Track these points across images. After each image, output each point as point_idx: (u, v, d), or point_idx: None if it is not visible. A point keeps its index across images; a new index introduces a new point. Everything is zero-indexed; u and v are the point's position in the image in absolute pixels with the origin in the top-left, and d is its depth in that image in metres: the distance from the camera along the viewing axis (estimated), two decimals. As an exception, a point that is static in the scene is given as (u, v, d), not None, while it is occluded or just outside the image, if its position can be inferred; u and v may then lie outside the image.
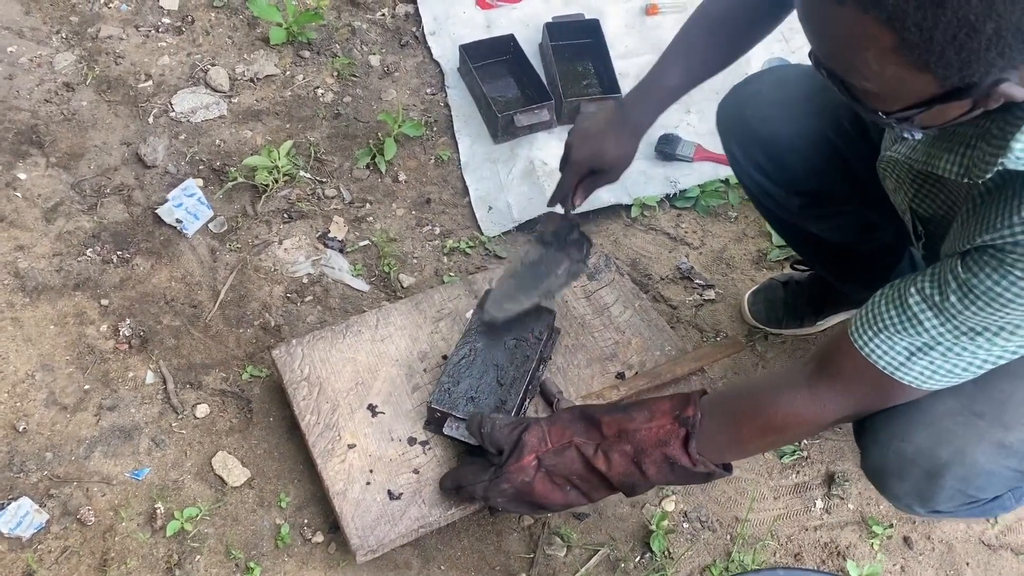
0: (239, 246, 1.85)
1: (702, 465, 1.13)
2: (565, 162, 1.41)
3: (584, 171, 1.41)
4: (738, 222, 1.96)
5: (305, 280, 1.80)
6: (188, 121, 2.06)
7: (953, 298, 0.91)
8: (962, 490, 1.06)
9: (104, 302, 1.72)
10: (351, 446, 1.43)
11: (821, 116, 1.28)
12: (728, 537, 1.49)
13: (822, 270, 1.62)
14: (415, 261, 1.87)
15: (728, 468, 1.17)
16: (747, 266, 1.89)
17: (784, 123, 1.31)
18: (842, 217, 1.38)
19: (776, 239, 1.90)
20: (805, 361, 1.10)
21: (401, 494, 1.38)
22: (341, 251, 1.86)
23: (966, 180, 0.88)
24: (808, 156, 1.30)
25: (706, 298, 1.82)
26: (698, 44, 1.30)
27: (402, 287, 1.81)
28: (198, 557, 1.40)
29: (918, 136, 0.91)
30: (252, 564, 1.40)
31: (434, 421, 1.43)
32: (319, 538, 1.44)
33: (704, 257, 1.90)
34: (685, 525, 1.50)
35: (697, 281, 1.85)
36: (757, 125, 1.34)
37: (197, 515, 1.44)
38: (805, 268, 1.71)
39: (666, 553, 1.46)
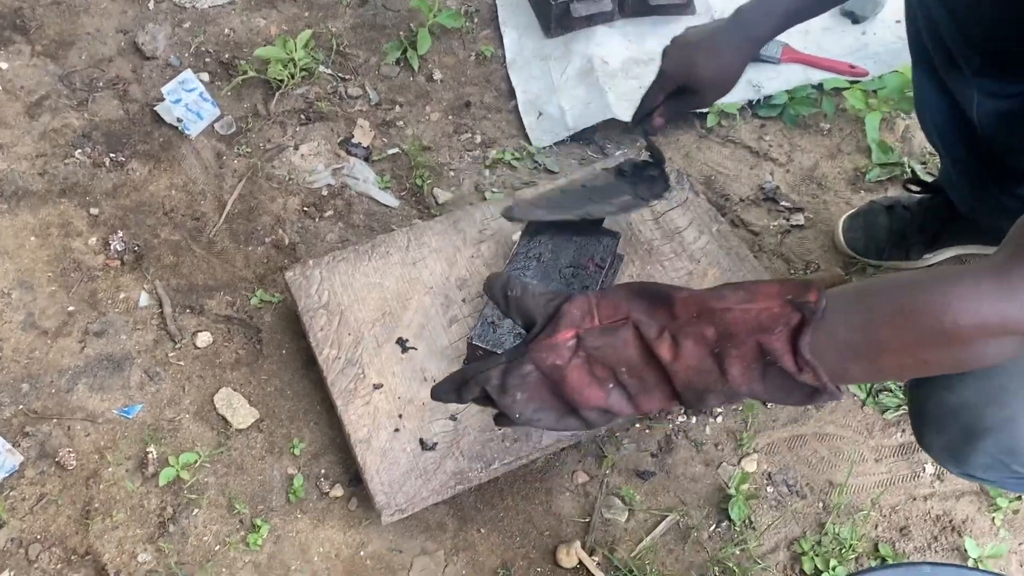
0: (249, 150, 1.60)
1: (810, 373, 0.79)
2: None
3: (672, 87, 1.19)
4: (832, 135, 1.67)
5: (324, 192, 1.56)
6: (193, 7, 1.80)
7: None
8: (1004, 462, 0.87)
9: (93, 211, 1.49)
10: (377, 386, 1.22)
11: None
12: (820, 505, 1.26)
13: (962, 178, 1.32)
14: (452, 174, 1.61)
15: (839, 388, 0.82)
16: (842, 187, 1.60)
17: None
18: (1013, 100, 1.08)
19: (877, 156, 1.61)
20: (991, 255, 0.78)
21: (435, 444, 1.17)
22: (366, 159, 1.61)
23: None
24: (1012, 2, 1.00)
25: (794, 223, 1.55)
26: None
27: (437, 203, 1.56)
28: (196, 511, 1.20)
29: None
30: (259, 520, 1.19)
31: (475, 359, 1.20)
32: (338, 492, 1.23)
33: (791, 176, 1.62)
34: (769, 489, 1.27)
35: (783, 203, 1.57)
36: None
37: (196, 461, 1.23)
38: (921, 190, 1.43)
39: (747, 522, 1.23)
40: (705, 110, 1.66)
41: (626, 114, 1.61)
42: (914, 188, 1.43)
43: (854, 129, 1.67)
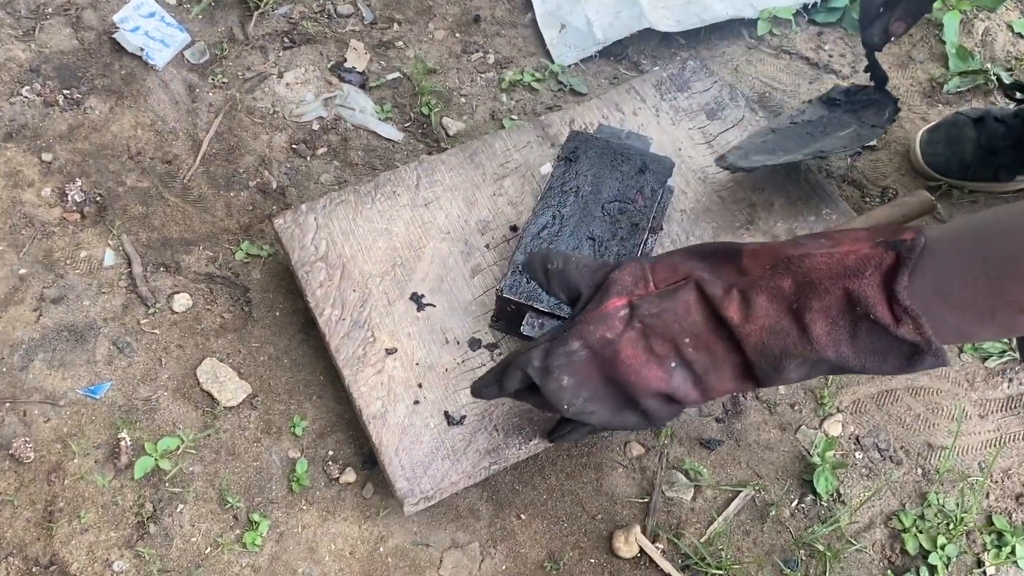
0: (226, 81, 1.37)
1: (909, 325, 0.63)
2: None
3: None
4: (901, 42, 1.45)
5: (315, 126, 1.33)
6: (153, -81, 1.55)
7: None
8: None
9: (46, 157, 1.27)
10: (390, 351, 1.02)
11: None
12: (920, 472, 1.07)
13: None
14: (463, 100, 1.38)
15: (947, 352, 0.66)
16: (916, 100, 1.39)
17: None
18: None
19: (955, 63, 1.39)
20: None
21: (463, 417, 0.98)
22: (362, 86, 1.38)
23: None
24: None
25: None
26: None
27: (447, 135, 1.34)
28: (180, 507, 1.00)
29: None
30: (256, 516, 0.99)
31: (506, 316, 1.02)
32: (349, 477, 1.03)
33: (857, 89, 1.40)
34: (859, 456, 1.07)
35: (851, 121, 1.35)
36: None
37: (178, 447, 1.03)
38: (1022, 98, 1.21)
39: (835, 496, 1.04)
40: (752, 16, 1.43)
41: (663, 23, 1.39)
42: (1016, 95, 1.21)
43: (926, 34, 1.45)
